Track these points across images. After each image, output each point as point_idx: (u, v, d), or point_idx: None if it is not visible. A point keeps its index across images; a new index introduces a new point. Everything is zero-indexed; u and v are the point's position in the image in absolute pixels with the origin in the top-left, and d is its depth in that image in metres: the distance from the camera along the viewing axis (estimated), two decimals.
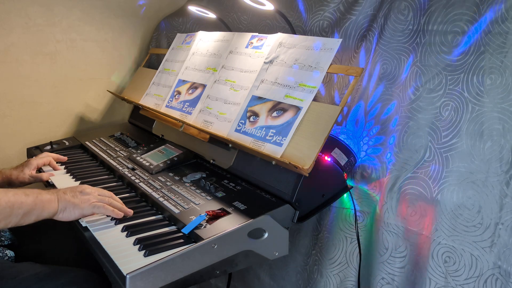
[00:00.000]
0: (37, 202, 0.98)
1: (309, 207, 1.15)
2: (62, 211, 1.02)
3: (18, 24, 1.75)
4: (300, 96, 1.17)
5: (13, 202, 0.94)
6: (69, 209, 1.03)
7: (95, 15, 1.95)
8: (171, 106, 1.59)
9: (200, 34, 1.70)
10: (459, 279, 1.06)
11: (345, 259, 1.30)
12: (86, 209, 1.04)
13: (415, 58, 1.20)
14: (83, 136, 1.82)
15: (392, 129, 1.25)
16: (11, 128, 1.83)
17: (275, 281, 1.57)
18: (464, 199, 1.06)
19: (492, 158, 1.03)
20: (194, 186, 1.24)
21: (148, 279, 0.85)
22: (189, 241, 0.98)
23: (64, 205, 1.02)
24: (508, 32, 1.02)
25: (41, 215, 0.99)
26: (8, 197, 0.94)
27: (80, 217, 1.05)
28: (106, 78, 2.08)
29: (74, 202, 1.03)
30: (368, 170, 1.28)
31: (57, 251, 1.27)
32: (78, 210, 1.03)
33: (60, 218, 1.03)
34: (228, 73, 1.44)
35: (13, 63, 1.78)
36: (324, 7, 1.46)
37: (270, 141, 1.16)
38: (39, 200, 0.98)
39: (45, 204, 0.99)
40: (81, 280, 1.06)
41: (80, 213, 1.04)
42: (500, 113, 1.02)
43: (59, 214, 1.02)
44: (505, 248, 0.99)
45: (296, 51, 1.25)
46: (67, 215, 1.03)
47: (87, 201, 1.05)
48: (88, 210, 1.05)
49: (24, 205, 0.96)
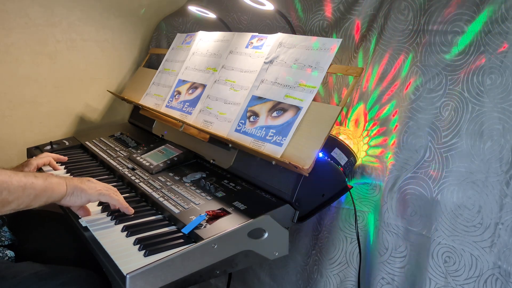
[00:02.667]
0: (47, 184, 0.98)
1: (309, 207, 1.15)
2: (70, 194, 1.02)
3: (18, 24, 1.75)
4: (300, 96, 1.17)
5: (25, 182, 0.94)
6: (77, 193, 1.03)
7: (95, 15, 1.95)
8: (171, 106, 1.59)
9: (200, 34, 1.70)
10: (459, 279, 1.06)
11: (345, 259, 1.30)
12: (93, 195, 1.05)
13: (415, 58, 1.20)
14: (83, 136, 1.81)
15: (392, 129, 1.25)
16: (11, 128, 1.83)
17: (275, 281, 1.57)
18: (464, 199, 1.06)
19: (492, 158, 1.03)
20: (194, 186, 1.24)
21: (148, 279, 0.85)
22: (189, 241, 0.98)
23: (72, 189, 1.03)
24: (508, 32, 1.02)
25: (51, 196, 0.99)
26: (19, 177, 0.94)
27: (86, 202, 1.06)
28: (106, 78, 2.08)
29: (82, 187, 1.04)
30: (368, 170, 1.28)
31: (57, 251, 1.27)
32: (85, 195, 1.04)
33: (66, 202, 1.03)
34: (228, 73, 1.44)
35: (13, 63, 1.78)
36: (324, 7, 1.46)
37: (270, 141, 1.16)
38: (48, 182, 0.99)
39: (55, 186, 0.99)
40: (81, 280, 1.06)
41: (86, 198, 1.04)
42: (500, 113, 1.02)
43: (67, 197, 1.02)
44: (505, 248, 0.99)
45: (296, 51, 1.25)
46: (74, 199, 1.03)
47: (94, 188, 1.06)
48: (95, 196, 1.05)
49: (36, 185, 0.95)
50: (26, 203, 0.95)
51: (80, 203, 1.05)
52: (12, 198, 0.92)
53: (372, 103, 1.30)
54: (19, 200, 0.93)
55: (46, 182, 0.98)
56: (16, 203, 0.93)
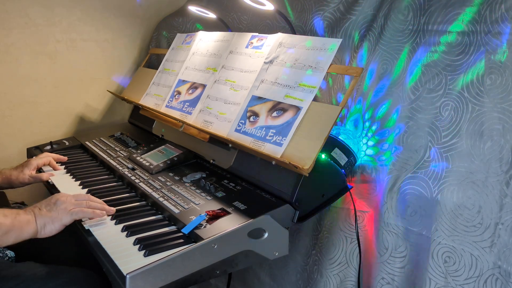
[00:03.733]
0: (15, 223, 0.96)
1: (309, 207, 1.15)
2: (42, 228, 1.00)
3: (18, 24, 1.75)
4: (300, 96, 1.17)
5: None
6: (49, 224, 1.01)
7: (95, 15, 1.95)
8: (171, 106, 1.59)
9: (200, 34, 1.70)
10: (459, 279, 1.06)
11: (345, 259, 1.30)
12: (64, 219, 1.02)
13: (415, 58, 1.20)
14: (83, 136, 1.81)
15: (391, 129, 1.25)
16: (11, 128, 1.83)
17: (275, 281, 1.57)
18: (464, 199, 1.06)
19: (492, 158, 1.03)
20: (194, 186, 1.24)
21: (148, 279, 0.85)
22: (189, 241, 0.98)
23: (42, 221, 1.00)
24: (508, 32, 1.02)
25: (20, 235, 0.97)
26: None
27: (62, 228, 1.03)
28: (106, 78, 2.08)
29: (51, 216, 1.01)
30: (368, 170, 1.28)
31: (57, 251, 1.27)
32: (57, 222, 1.01)
33: (43, 235, 1.01)
34: (228, 73, 1.44)
35: (13, 63, 1.78)
36: (324, 7, 1.46)
37: (270, 141, 1.16)
38: (17, 221, 0.97)
39: (23, 225, 0.97)
40: (81, 280, 1.06)
41: (60, 224, 1.02)
42: (500, 113, 1.02)
43: (41, 232, 1.00)
44: (505, 248, 0.99)
45: (296, 51, 1.25)
46: (49, 231, 1.01)
47: (64, 210, 1.03)
48: (67, 219, 1.02)
49: (3, 226, 0.94)
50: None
51: (56, 231, 1.02)
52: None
53: (372, 103, 1.30)
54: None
55: (14, 221, 0.96)
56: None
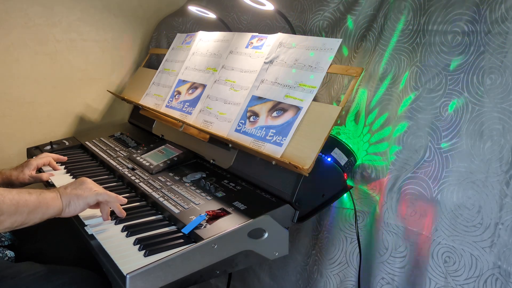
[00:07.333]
0: (41, 200, 0.97)
1: (309, 207, 1.15)
2: (67, 206, 1.01)
3: (18, 24, 1.75)
4: (300, 96, 1.17)
5: (18, 200, 0.93)
6: (74, 201, 1.02)
7: (95, 15, 1.95)
8: (171, 106, 1.59)
9: (200, 34, 1.70)
10: (459, 279, 1.06)
11: (345, 259, 1.30)
12: (89, 197, 1.03)
13: (415, 58, 1.20)
14: (83, 136, 1.81)
15: (391, 129, 1.24)
16: (11, 128, 1.83)
17: (275, 281, 1.57)
18: (464, 199, 1.06)
19: (492, 158, 1.03)
20: (194, 186, 1.24)
21: (148, 279, 0.85)
22: (189, 241, 0.98)
23: (68, 199, 1.01)
24: (508, 32, 1.02)
25: (46, 213, 0.98)
26: (12, 195, 0.93)
27: (85, 207, 1.04)
28: (106, 78, 2.08)
29: (77, 193, 1.02)
30: (368, 170, 1.28)
31: (57, 251, 1.27)
32: (82, 200, 1.02)
33: (67, 214, 1.02)
34: (228, 73, 1.44)
35: (13, 63, 1.78)
36: (324, 7, 1.46)
37: (270, 141, 1.16)
38: (42, 197, 0.97)
39: (49, 201, 0.98)
40: (81, 280, 1.06)
41: (84, 202, 1.03)
42: (500, 113, 1.02)
43: (65, 209, 1.01)
44: (505, 248, 0.99)
45: (296, 51, 1.25)
46: (73, 209, 1.02)
47: (90, 189, 1.04)
48: (92, 198, 1.03)
49: (29, 202, 0.94)
50: (20, 221, 0.94)
51: (80, 210, 1.03)
52: (5, 217, 0.91)
53: (372, 103, 1.30)
54: (12, 218, 0.92)
55: (40, 198, 0.97)
56: (9, 222, 0.92)
